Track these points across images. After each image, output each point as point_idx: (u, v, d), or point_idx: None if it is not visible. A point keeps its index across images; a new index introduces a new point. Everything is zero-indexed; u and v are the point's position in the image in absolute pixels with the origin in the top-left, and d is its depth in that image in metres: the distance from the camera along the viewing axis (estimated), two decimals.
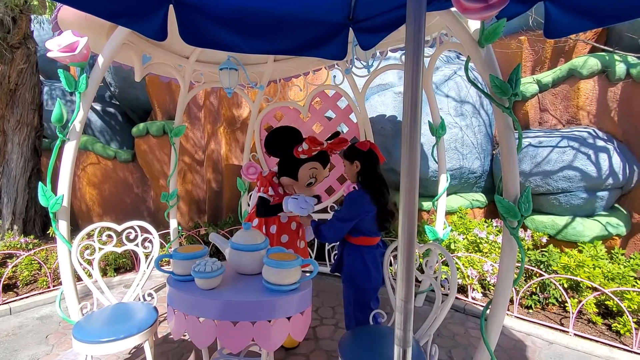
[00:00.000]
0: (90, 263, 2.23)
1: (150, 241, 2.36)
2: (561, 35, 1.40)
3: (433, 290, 1.78)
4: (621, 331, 2.72)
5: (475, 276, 3.30)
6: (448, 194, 4.13)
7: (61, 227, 2.04)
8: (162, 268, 1.84)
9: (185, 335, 1.68)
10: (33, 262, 3.53)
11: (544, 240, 3.70)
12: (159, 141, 4.99)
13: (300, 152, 2.25)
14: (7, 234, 4.44)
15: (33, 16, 4.89)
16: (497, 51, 4.56)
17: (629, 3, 1.21)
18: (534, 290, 3.18)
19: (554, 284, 3.06)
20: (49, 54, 1.92)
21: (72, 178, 2.12)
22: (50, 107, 5.54)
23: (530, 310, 3.12)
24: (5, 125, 4.58)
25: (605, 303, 2.91)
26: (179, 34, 1.45)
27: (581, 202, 3.85)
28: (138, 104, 5.83)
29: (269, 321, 1.52)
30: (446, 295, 1.67)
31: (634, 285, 2.90)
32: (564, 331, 2.81)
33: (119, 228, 2.30)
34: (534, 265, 3.26)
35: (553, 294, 3.10)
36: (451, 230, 3.80)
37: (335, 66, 3.85)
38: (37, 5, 4.73)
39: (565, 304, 3.05)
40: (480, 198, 4.55)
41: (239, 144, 5.11)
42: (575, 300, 3.00)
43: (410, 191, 0.94)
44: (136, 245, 2.31)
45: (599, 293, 2.85)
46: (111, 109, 6.01)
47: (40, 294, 3.36)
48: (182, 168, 4.95)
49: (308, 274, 1.72)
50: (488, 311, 1.68)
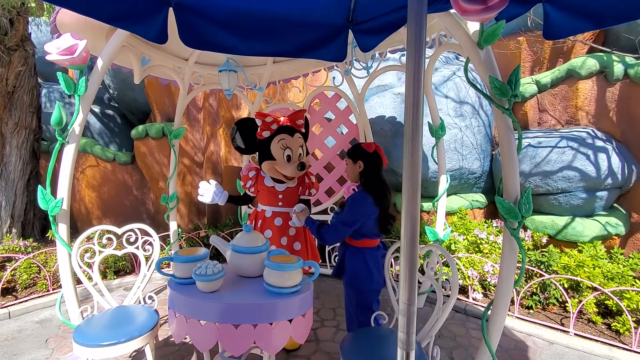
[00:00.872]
0: (90, 266, 2.22)
1: (150, 244, 2.36)
2: (560, 37, 1.40)
3: (434, 291, 1.78)
4: (621, 330, 2.72)
5: (476, 277, 3.30)
6: (448, 195, 4.13)
7: (61, 230, 2.03)
8: (163, 271, 1.84)
9: (186, 338, 1.68)
10: (32, 266, 3.52)
11: (544, 240, 3.71)
12: (158, 143, 4.98)
13: (260, 132, 2.31)
14: (6, 237, 4.43)
15: (30, 18, 4.87)
16: (496, 52, 4.58)
17: (627, 5, 1.22)
18: (535, 290, 3.18)
19: (554, 284, 3.07)
20: (48, 57, 1.92)
21: (72, 181, 2.12)
22: (48, 110, 5.53)
23: (531, 311, 3.12)
24: (4, 128, 4.56)
25: (605, 303, 2.92)
26: (179, 36, 1.44)
27: (580, 202, 3.86)
28: (137, 106, 5.82)
29: (271, 324, 1.51)
30: (447, 296, 1.67)
31: (633, 285, 2.91)
32: (564, 331, 2.81)
33: (119, 231, 2.30)
34: (534, 265, 3.27)
35: (553, 294, 3.10)
36: (451, 231, 3.80)
37: (335, 67, 3.85)
38: (35, 7, 4.72)
39: (566, 304, 3.05)
40: (480, 198, 4.56)
41: None
42: (576, 300, 3.00)
43: (413, 193, 0.94)
44: (136, 248, 2.31)
45: (598, 293, 2.86)
46: (110, 111, 6.00)
47: (39, 297, 3.34)
48: (182, 170, 4.94)
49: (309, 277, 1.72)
50: (489, 312, 1.68)
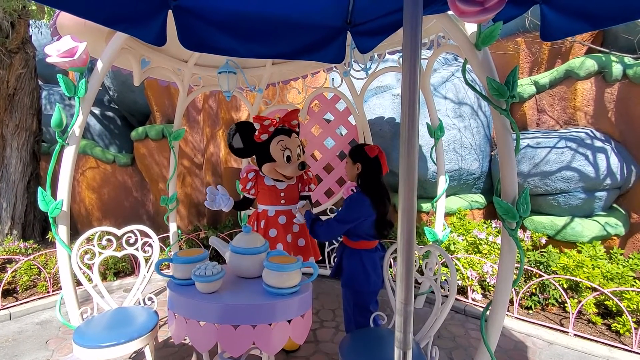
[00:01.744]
0: (90, 267, 2.23)
1: (150, 245, 2.36)
2: (557, 38, 1.40)
3: (433, 291, 1.79)
4: (621, 331, 2.72)
5: (475, 277, 3.30)
6: (447, 195, 4.14)
7: (61, 232, 2.04)
8: (162, 272, 1.84)
9: (186, 339, 1.68)
10: (32, 267, 3.52)
11: (543, 240, 3.71)
12: (158, 145, 4.98)
13: (259, 135, 2.33)
14: (6, 239, 4.44)
15: (31, 21, 4.89)
16: (494, 53, 4.59)
17: (624, 6, 1.22)
18: (534, 291, 3.18)
19: (554, 285, 3.07)
20: (49, 59, 1.93)
21: (72, 182, 2.12)
22: (49, 112, 5.54)
23: (530, 311, 3.12)
24: (4, 130, 4.58)
25: (605, 303, 2.92)
26: (178, 39, 1.45)
27: (580, 203, 3.86)
28: (137, 108, 5.83)
29: (270, 324, 1.52)
30: (446, 296, 1.68)
31: (633, 285, 2.91)
32: (563, 331, 2.81)
33: (118, 232, 2.31)
34: (533, 266, 3.27)
35: (553, 295, 3.11)
36: (450, 231, 3.81)
37: (334, 69, 3.86)
38: (36, 10, 4.74)
39: (565, 305, 3.05)
40: (479, 199, 4.56)
41: None
42: (575, 300, 3.00)
43: (409, 194, 0.95)
44: (136, 249, 2.32)
45: (598, 293, 2.86)
46: (110, 113, 6.00)
47: (39, 299, 3.35)
48: (182, 171, 4.95)
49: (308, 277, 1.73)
50: (488, 312, 1.68)
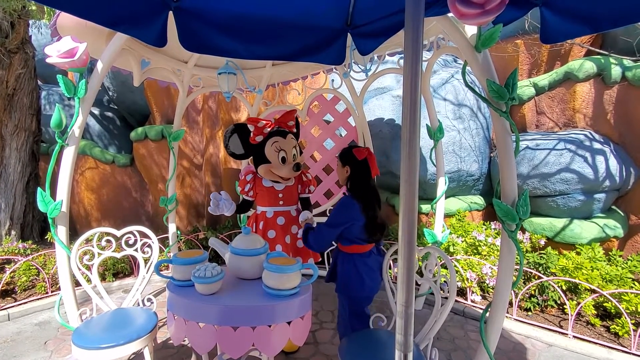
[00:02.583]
0: (89, 268, 2.22)
1: (149, 246, 2.36)
2: (557, 41, 1.41)
3: (432, 293, 1.79)
4: (619, 333, 2.72)
5: (474, 279, 3.30)
6: (446, 197, 4.14)
7: (60, 233, 2.03)
8: (162, 273, 1.84)
9: (185, 341, 1.68)
10: (31, 268, 3.51)
11: (542, 242, 3.72)
12: (158, 145, 4.98)
13: (254, 137, 2.35)
14: (5, 239, 4.43)
15: (31, 21, 4.88)
16: (494, 55, 4.60)
17: (623, 8, 1.23)
18: (533, 292, 3.18)
19: (553, 286, 3.07)
20: (49, 60, 1.93)
21: (71, 183, 2.12)
22: (48, 112, 5.52)
23: (529, 313, 3.13)
24: (3, 130, 4.57)
25: (604, 305, 2.92)
26: (179, 40, 1.45)
27: (579, 204, 3.87)
28: (136, 108, 5.83)
29: (269, 326, 1.52)
30: (445, 298, 1.68)
31: (632, 287, 2.91)
32: (563, 333, 2.82)
33: (118, 233, 2.30)
34: (532, 267, 3.27)
35: (552, 296, 3.11)
36: (450, 233, 3.81)
37: (334, 70, 3.87)
38: (36, 10, 4.74)
39: (564, 306, 3.06)
40: (479, 200, 4.57)
41: None
42: (574, 302, 3.01)
43: (410, 196, 0.95)
44: (135, 250, 2.31)
45: (597, 295, 2.86)
46: (109, 113, 6.00)
47: (38, 299, 3.34)
48: (181, 172, 4.95)
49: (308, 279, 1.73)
50: (487, 314, 1.68)
